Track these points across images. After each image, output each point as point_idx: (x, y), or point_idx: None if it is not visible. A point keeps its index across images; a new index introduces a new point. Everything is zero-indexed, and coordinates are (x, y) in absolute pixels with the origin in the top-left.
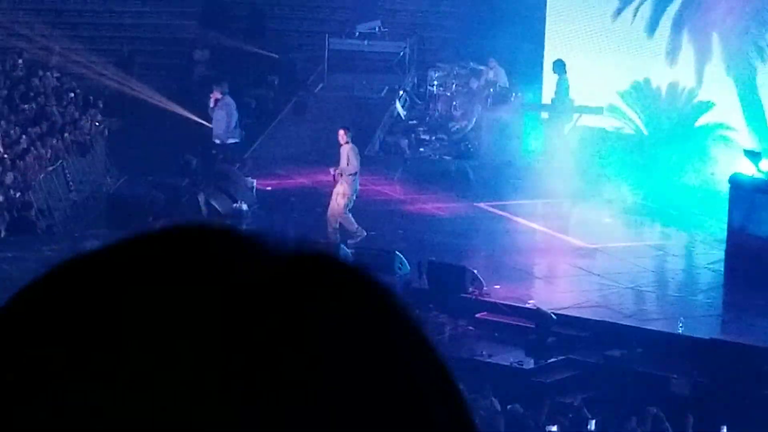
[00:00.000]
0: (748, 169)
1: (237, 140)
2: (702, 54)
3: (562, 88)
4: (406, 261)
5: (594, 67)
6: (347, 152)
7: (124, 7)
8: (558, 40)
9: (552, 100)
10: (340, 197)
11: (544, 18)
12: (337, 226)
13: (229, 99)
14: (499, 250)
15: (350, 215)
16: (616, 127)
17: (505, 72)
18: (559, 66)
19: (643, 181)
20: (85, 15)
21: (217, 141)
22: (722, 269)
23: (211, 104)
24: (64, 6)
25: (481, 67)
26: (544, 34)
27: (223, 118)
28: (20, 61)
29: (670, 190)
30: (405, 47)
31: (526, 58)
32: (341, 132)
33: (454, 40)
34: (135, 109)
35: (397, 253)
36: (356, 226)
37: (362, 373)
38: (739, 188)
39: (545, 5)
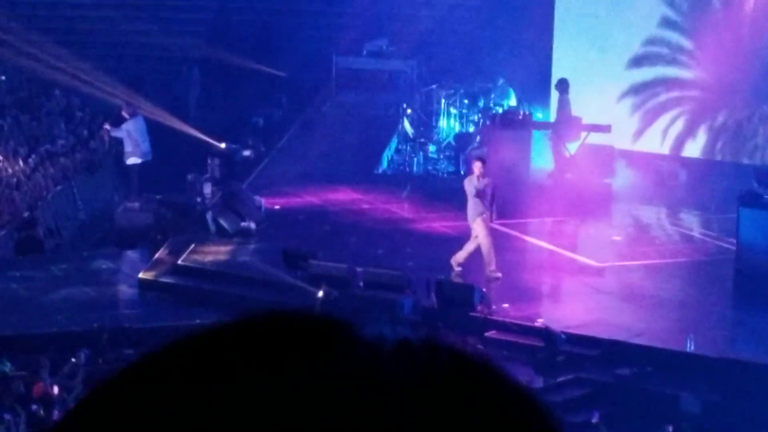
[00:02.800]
0: (757, 187)
1: (140, 160)
2: None
3: (564, 106)
4: (414, 279)
5: (601, 84)
6: (489, 185)
7: (133, 27)
8: (565, 58)
9: (555, 119)
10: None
11: (552, 36)
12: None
13: (133, 120)
14: (507, 268)
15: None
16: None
17: (513, 90)
18: (562, 84)
19: (653, 199)
20: (94, 34)
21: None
22: (731, 287)
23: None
24: (73, 25)
25: (489, 85)
26: (551, 52)
27: (125, 137)
28: (28, 80)
29: (680, 208)
30: (412, 65)
31: (533, 76)
32: (478, 164)
33: (462, 58)
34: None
35: (406, 271)
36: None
37: None
38: (748, 206)
39: (552, 24)
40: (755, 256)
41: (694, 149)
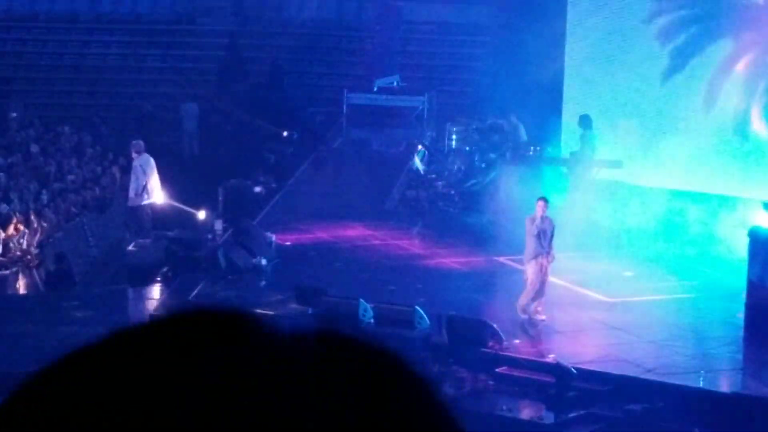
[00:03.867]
0: (767, 222)
1: (141, 203)
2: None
3: (588, 142)
4: (425, 315)
5: (612, 119)
6: (550, 226)
7: (144, 64)
8: (578, 95)
9: (572, 154)
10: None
11: (563, 72)
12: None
13: (138, 160)
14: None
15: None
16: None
17: (524, 126)
18: (586, 121)
19: (663, 234)
20: (104, 71)
21: (129, 204)
22: (742, 323)
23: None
24: (83, 62)
25: (500, 121)
26: (562, 88)
27: (132, 179)
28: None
29: (690, 244)
30: (424, 101)
31: (544, 112)
32: (541, 203)
33: (473, 94)
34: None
35: (417, 308)
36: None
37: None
38: (758, 241)
39: (563, 60)
40: (766, 291)
41: (706, 185)
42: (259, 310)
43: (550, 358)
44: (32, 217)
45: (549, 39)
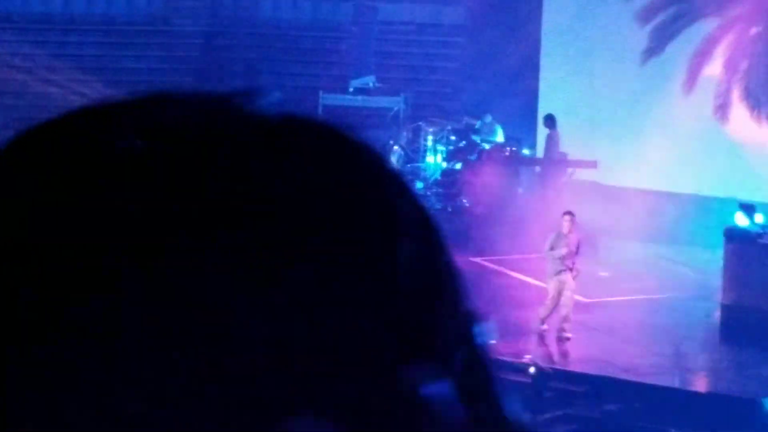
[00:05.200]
0: (742, 221)
1: None
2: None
3: (552, 142)
4: None
5: (588, 119)
6: (576, 242)
7: (120, 64)
8: (553, 94)
9: (543, 155)
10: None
11: (538, 72)
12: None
13: None
14: (495, 305)
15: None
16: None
17: (501, 127)
18: (550, 120)
19: (641, 235)
20: (76, 72)
21: None
22: (718, 322)
23: None
24: (58, 63)
25: (476, 122)
26: (538, 88)
27: None
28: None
29: (667, 244)
30: (399, 102)
31: (520, 112)
32: (567, 218)
33: (449, 95)
34: None
35: None
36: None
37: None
38: (734, 241)
39: (539, 59)
40: (741, 290)
41: (680, 184)
42: None
43: (527, 358)
44: None
45: (524, 38)
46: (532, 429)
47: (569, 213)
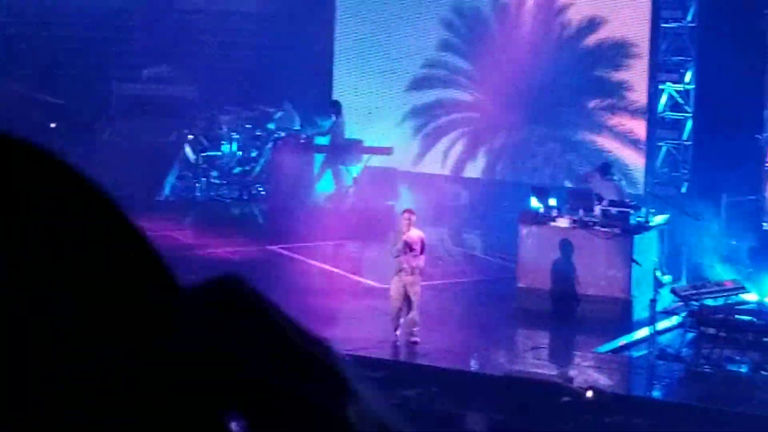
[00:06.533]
0: (536, 204)
1: None
2: None
3: (339, 129)
4: None
5: (383, 107)
6: (418, 241)
7: None
8: (347, 81)
9: (332, 141)
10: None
11: (332, 60)
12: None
13: None
14: (291, 292)
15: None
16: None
17: (298, 114)
18: (335, 107)
19: (436, 221)
20: None
21: None
22: (513, 306)
23: None
24: None
25: (271, 110)
26: (332, 75)
27: None
28: None
29: (462, 229)
30: (194, 90)
31: (315, 100)
32: (406, 215)
33: (245, 83)
34: None
35: None
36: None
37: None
38: (527, 224)
39: (333, 47)
40: (535, 273)
41: (474, 170)
42: None
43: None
44: None
45: (318, 26)
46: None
47: (408, 211)
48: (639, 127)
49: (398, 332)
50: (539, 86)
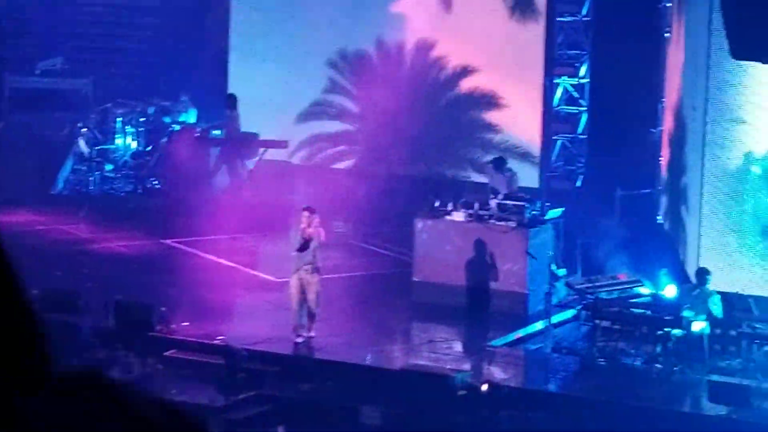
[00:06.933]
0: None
1: None
2: None
3: (234, 122)
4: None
5: (279, 101)
6: (317, 237)
7: None
8: (243, 74)
9: (226, 135)
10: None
11: (228, 52)
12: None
13: None
14: (187, 286)
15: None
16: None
17: (195, 107)
18: (230, 100)
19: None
20: None
21: None
22: (410, 299)
23: None
24: None
25: (166, 103)
26: (227, 68)
27: None
28: None
29: (360, 223)
30: (88, 84)
31: (211, 93)
32: (306, 213)
33: (140, 76)
34: None
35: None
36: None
37: None
38: (422, 217)
39: (228, 40)
40: (430, 267)
41: (375, 164)
42: None
43: (220, 339)
44: None
45: (214, 20)
46: None
47: (308, 209)
48: (534, 122)
49: (301, 339)
50: (421, 122)
